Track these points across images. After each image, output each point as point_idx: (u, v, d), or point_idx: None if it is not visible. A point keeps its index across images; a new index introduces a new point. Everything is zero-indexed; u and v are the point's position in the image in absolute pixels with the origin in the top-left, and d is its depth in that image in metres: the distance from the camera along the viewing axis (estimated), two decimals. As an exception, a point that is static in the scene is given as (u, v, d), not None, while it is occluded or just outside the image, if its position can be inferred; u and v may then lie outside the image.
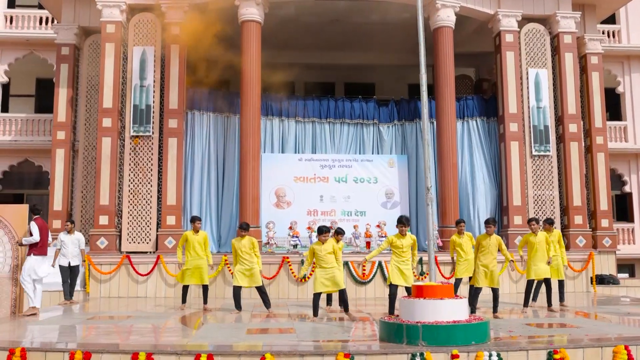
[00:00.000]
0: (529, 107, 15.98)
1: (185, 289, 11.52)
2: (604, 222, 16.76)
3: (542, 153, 15.81)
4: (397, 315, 7.62)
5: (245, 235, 10.74)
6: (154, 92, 15.18)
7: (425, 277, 14.17)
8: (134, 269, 14.32)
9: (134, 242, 14.72)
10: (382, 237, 14.90)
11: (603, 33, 21.02)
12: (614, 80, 21.79)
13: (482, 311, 10.24)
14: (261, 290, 10.78)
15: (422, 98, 7.85)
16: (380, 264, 14.17)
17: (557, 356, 6.84)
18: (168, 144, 14.99)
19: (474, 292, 10.24)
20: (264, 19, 15.48)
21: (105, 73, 15.06)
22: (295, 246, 14.82)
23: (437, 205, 15.71)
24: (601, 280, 15.70)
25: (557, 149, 16.18)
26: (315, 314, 9.82)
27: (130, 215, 14.79)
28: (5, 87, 20.94)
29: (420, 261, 14.37)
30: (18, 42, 20.15)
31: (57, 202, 16.07)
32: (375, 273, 14.22)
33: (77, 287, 14.21)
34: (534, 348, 6.91)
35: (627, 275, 20.03)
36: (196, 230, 11.42)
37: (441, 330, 6.95)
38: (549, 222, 11.68)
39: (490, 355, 6.74)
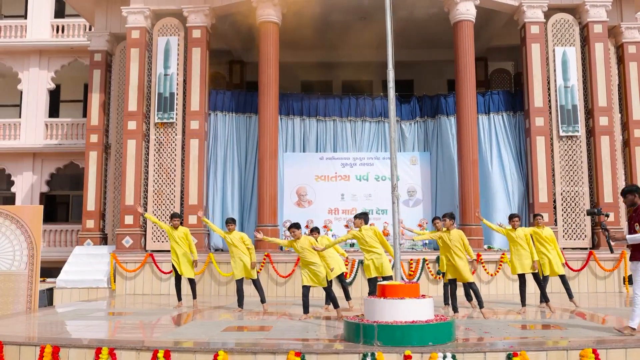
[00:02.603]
0: (555, 86, 15.32)
1: (177, 287, 11.83)
2: (643, 220, 15.87)
3: (570, 134, 15.11)
4: (362, 314, 7.57)
5: (234, 229, 11.19)
6: (177, 80, 15.59)
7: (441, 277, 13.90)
8: (157, 267, 14.81)
9: (158, 241, 15.22)
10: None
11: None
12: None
13: (477, 311, 9.99)
14: (255, 284, 11.07)
15: (389, 95, 7.79)
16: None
17: (516, 359, 6.62)
18: (190, 145, 15.40)
19: (452, 289, 10.04)
20: (289, 20, 15.57)
21: (130, 77, 15.63)
22: (310, 244, 14.85)
23: (458, 203, 15.38)
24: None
25: (587, 142, 15.45)
26: (306, 310, 9.75)
27: (154, 214, 15.27)
28: (55, 93, 22.06)
29: (437, 260, 14.10)
30: (63, 49, 21.17)
31: (90, 202, 16.79)
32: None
33: (105, 284, 14.93)
34: (492, 350, 6.71)
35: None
36: (175, 227, 11.87)
37: (397, 330, 6.85)
38: (539, 216, 11.39)
39: (444, 357, 6.60)
